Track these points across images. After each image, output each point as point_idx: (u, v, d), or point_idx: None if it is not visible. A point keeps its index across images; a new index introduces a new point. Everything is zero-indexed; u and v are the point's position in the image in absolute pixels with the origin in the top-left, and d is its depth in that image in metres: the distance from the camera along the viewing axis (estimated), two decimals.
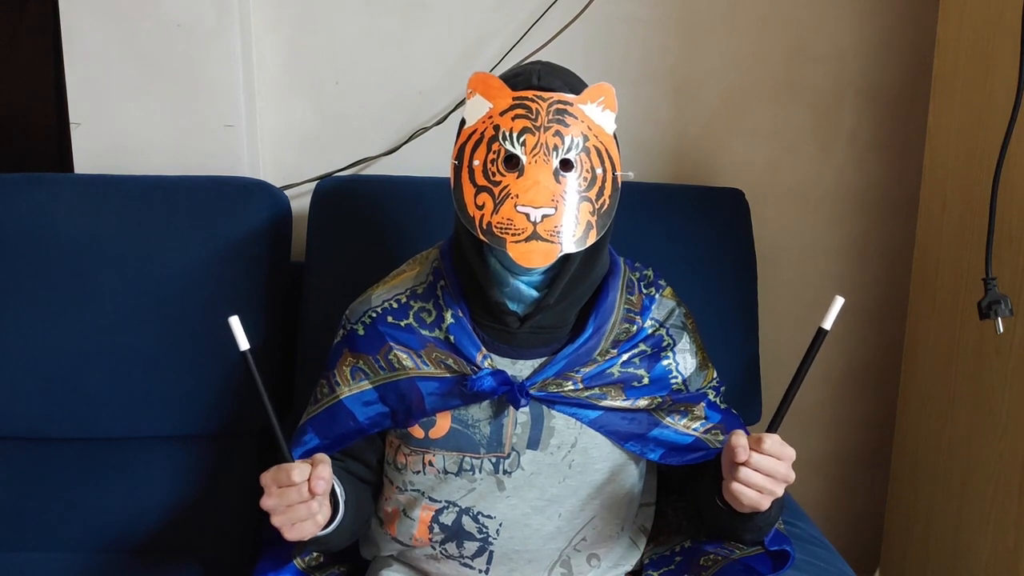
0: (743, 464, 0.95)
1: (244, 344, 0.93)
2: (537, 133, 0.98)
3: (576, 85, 1.04)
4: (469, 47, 1.61)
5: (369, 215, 1.44)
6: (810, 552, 1.26)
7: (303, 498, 0.94)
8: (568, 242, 0.98)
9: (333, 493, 1.02)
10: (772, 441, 0.95)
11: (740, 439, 0.95)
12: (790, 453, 0.97)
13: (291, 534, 0.95)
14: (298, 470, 0.94)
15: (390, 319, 1.11)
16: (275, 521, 0.95)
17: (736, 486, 0.96)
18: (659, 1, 1.61)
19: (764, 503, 0.97)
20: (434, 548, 1.11)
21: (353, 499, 1.07)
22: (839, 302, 0.94)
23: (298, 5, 1.60)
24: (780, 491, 0.97)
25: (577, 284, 1.05)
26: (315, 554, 1.16)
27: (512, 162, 0.99)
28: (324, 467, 0.95)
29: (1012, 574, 1.29)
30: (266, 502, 0.95)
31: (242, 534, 1.37)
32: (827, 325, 0.94)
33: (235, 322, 0.93)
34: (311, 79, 1.63)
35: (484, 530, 1.08)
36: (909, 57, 1.64)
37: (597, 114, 1.01)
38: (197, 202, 1.42)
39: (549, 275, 1.04)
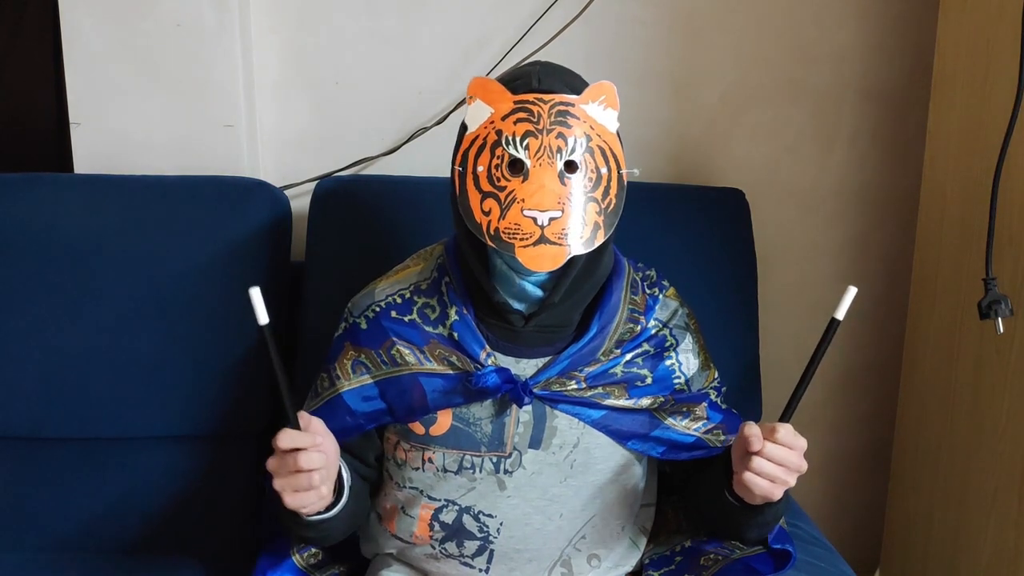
0: (756, 454, 0.95)
1: (264, 318, 0.91)
2: (540, 136, 0.98)
3: (576, 85, 1.04)
4: (469, 47, 1.61)
5: (369, 215, 1.44)
6: (810, 552, 1.26)
7: (298, 467, 0.93)
8: (576, 244, 0.98)
9: (340, 478, 1.02)
10: (785, 431, 0.95)
11: (753, 429, 0.95)
12: (802, 443, 0.97)
13: (290, 500, 0.95)
14: (285, 437, 0.93)
15: (394, 314, 1.11)
16: (276, 484, 0.95)
17: (749, 476, 0.96)
18: (659, 1, 1.61)
19: (777, 493, 0.97)
20: (434, 547, 1.11)
21: (355, 491, 1.07)
22: (852, 292, 0.93)
23: (298, 5, 1.60)
24: (793, 481, 0.97)
25: (582, 283, 1.05)
26: (313, 551, 1.16)
27: (516, 166, 0.99)
28: (321, 448, 0.95)
29: (1012, 574, 1.29)
30: (269, 463, 0.95)
31: (242, 534, 1.37)
32: (840, 315, 0.94)
33: (256, 293, 0.90)
34: (311, 79, 1.63)
35: (485, 529, 1.08)
36: (909, 57, 1.64)
37: (599, 113, 1.01)
38: (197, 202, 1.42)
39: (554, 275, 1.04)
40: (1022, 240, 1.26)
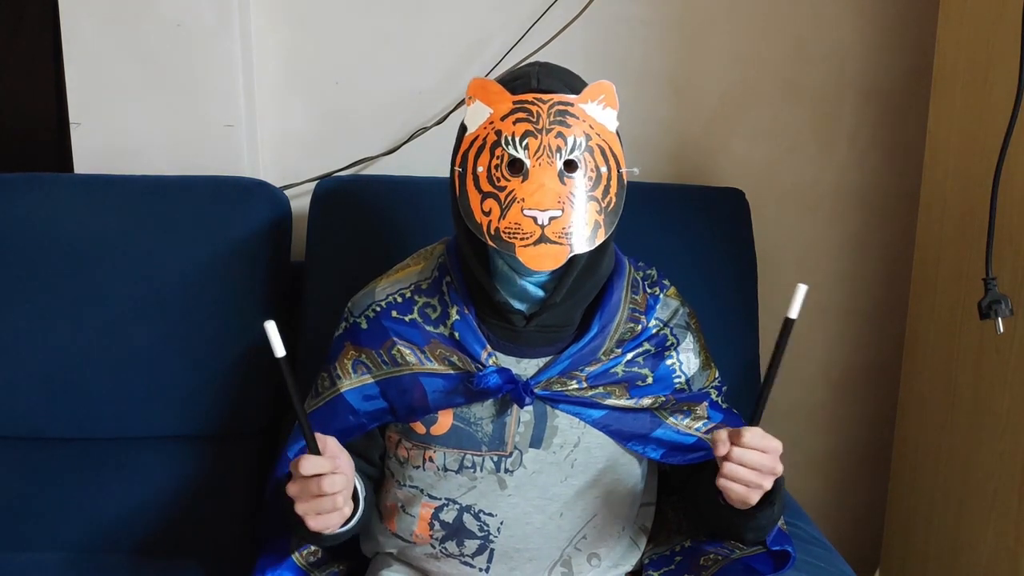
0: (724, 458, 0.95)
1: (280, 351, 0.88)
2: (539, 136, 0.98)
3: (576, 85, 1.04)
4: (469, 47, 1.61)
5: (369, 215, 1.44)
6: (810, 552, 1.25)
7: (321, 491, 0.93)
8: (577, 243, 0.98)
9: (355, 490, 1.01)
10: (752, 434, 0.94)
11: (720, 434, 0.95)
12: (775, 445, 0.96)
13: (313, 523, 0.95)
14: (308, 465, 0.93)
15: (394, 314, 1.11)
16: (298, 509, 0.95)
17: (722, 481, 0.96)
18: (659, 1, 1.61)
19: (752, 497, 0.96)
20: (434, 546, 1.11)
21: (367, 497, 1.07)
22: (802, 289, 0.91)
23: (298, 5, 1.60)
24: (767, 484, 0.96)
25: (583, 283, 1.05)
26: (312, 548, 1.16)
27: (516, 166, 0.99)
28: (341, 469, 0.95)
29: (1012, 574, 1.29)
30: (291, 489, 0.95)
31: (242, 534, 1.37)
32: (793, 314, 0.92)
33: (271, 328, 0.88)
34: (311, 79, 1.63)
35: (485, 528, 1.08)
36: (909, 57, 1.64)
37: (598, 112, 1.01)
38: (197, 202, 1.42)
39: (555, 275, 1.04)
40: (1022, 240, 1.26)
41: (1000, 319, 1.19)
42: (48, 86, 1.71)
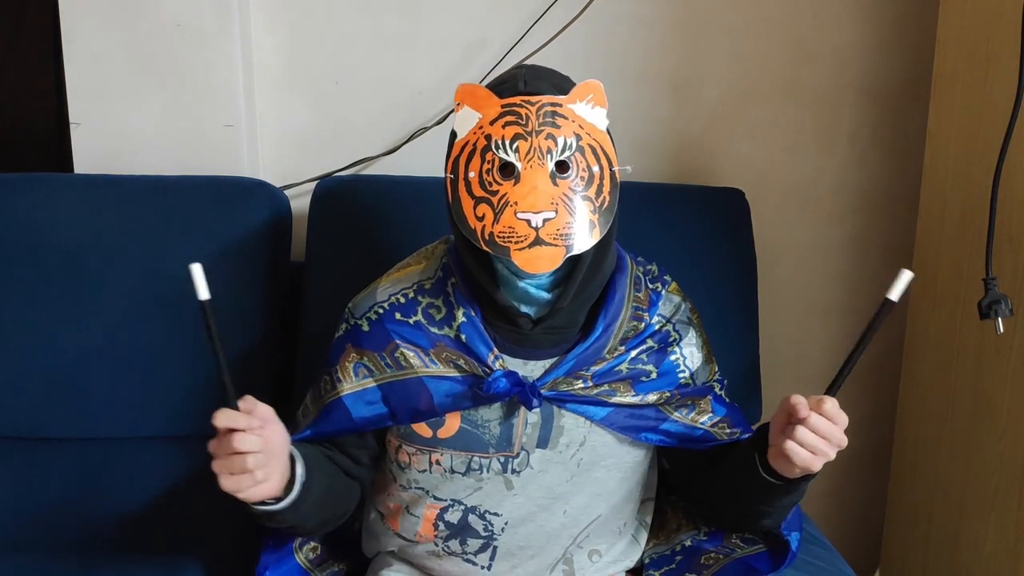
0: (800, 422, 0.95)
1: (204, 294, 0.92)
2: (529, 138, 0.98)
3: (564, 85, 1.03)
4: (469, 47, 1.61)
5: (369, 215, 1.44)
6: (810, 552, 1.26)
7: (232, 448, 0.91)
8: (572, 243, 0.98)
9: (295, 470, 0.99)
10: (832, 404, 0.96)
11: (799, 398, 0.96)
12: (845, 419, 0.97)
13: (224, 483, 0.92)
14: (221, 416, 0.91)
15: (398, 316, 1.10)
16: (213, 465, 0.92)
17: (791, 445, 0.95)
18: (659, 1, 1.61)
19: (816, 464, 0.97)
20: (437, 544, 1.11)
21: (322, 485, 1.04)
22: (906, 275, 0.92)
23: (298, 5, 1.60)
24: (833, 454, 0.97)
25: (588, 284, 1.05)
26: (312, 544, 1.16)
27: (508, 170, 0.98)
28: (259, 432, 0.92)
29: (1012, 574, 1.29)
30: (210, 444, 0.93)
31: (242, 534, 1.37)
32: (894, 297, 0.93)
33: (197, 270, 0.91)
34: (311, 79, 1.63)
35: (489, 528, 1.09)
36: (909, 57, 1.64)
37: (587, 112, 1.01)
38: (197, 202, 1.42)
39: (557, 276, 1.04)
40: (1022, 240, 1.26)
41: (1000, 319, 1.19)
42: (48, 86, 1.71)
